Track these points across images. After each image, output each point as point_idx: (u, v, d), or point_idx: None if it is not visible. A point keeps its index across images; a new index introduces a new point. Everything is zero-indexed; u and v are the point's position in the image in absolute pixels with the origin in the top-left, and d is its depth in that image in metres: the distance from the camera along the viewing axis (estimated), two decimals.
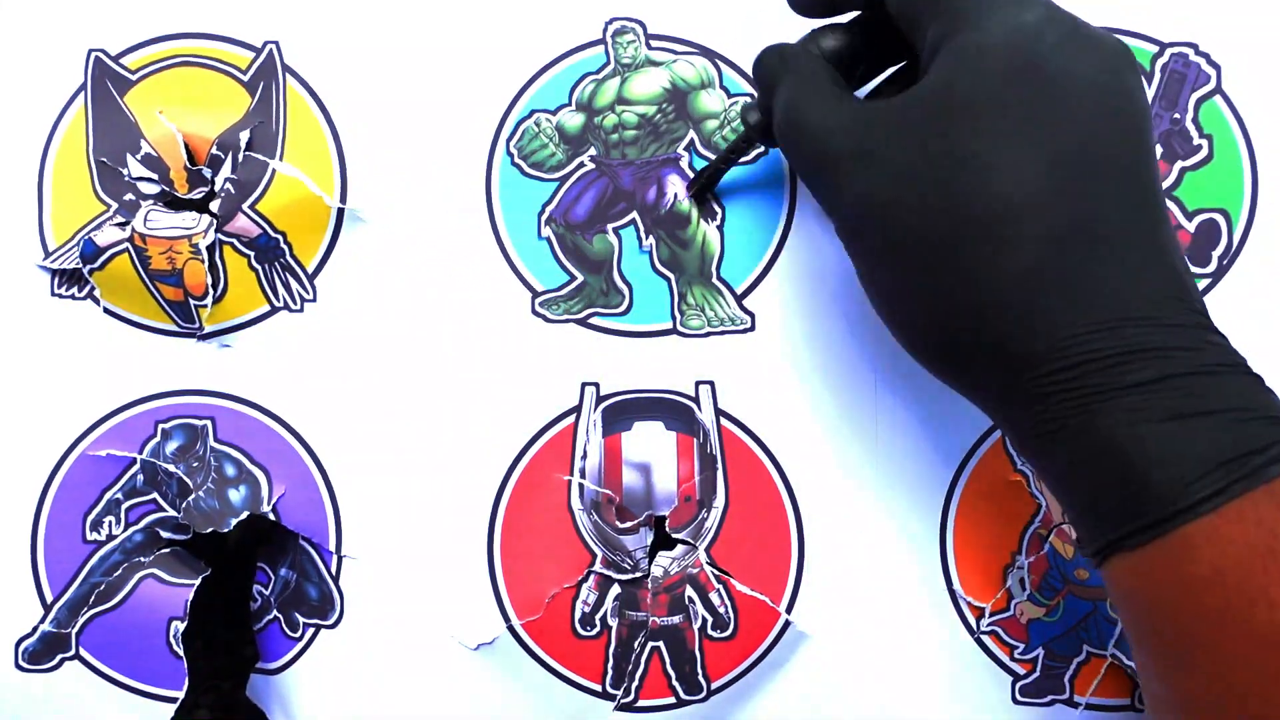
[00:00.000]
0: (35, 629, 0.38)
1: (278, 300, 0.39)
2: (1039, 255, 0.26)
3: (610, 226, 0.39)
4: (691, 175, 0.39)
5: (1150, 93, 0.39)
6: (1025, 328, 0.26)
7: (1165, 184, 0.39)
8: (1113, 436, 0.25)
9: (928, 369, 0.30)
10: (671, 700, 0.38)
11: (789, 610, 0.38)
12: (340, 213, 0.39)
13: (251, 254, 0.38)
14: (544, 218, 0.39)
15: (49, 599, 0.38)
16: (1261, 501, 0.24)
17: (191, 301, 0.38)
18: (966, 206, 0.26)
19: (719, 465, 0.38)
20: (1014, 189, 0.26)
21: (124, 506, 0.38)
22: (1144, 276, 0.26)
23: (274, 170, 0.38)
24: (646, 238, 0.39)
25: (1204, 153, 0.39)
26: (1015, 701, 0.38)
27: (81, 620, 0.38)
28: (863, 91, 0.36)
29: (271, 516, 0.38)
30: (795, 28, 0.39)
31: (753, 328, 0.39)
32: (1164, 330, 0.25)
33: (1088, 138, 0.26)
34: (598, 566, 0.38)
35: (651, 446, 0.38)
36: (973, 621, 0.38)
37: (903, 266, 0.28)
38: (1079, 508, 0.27)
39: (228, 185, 0.38)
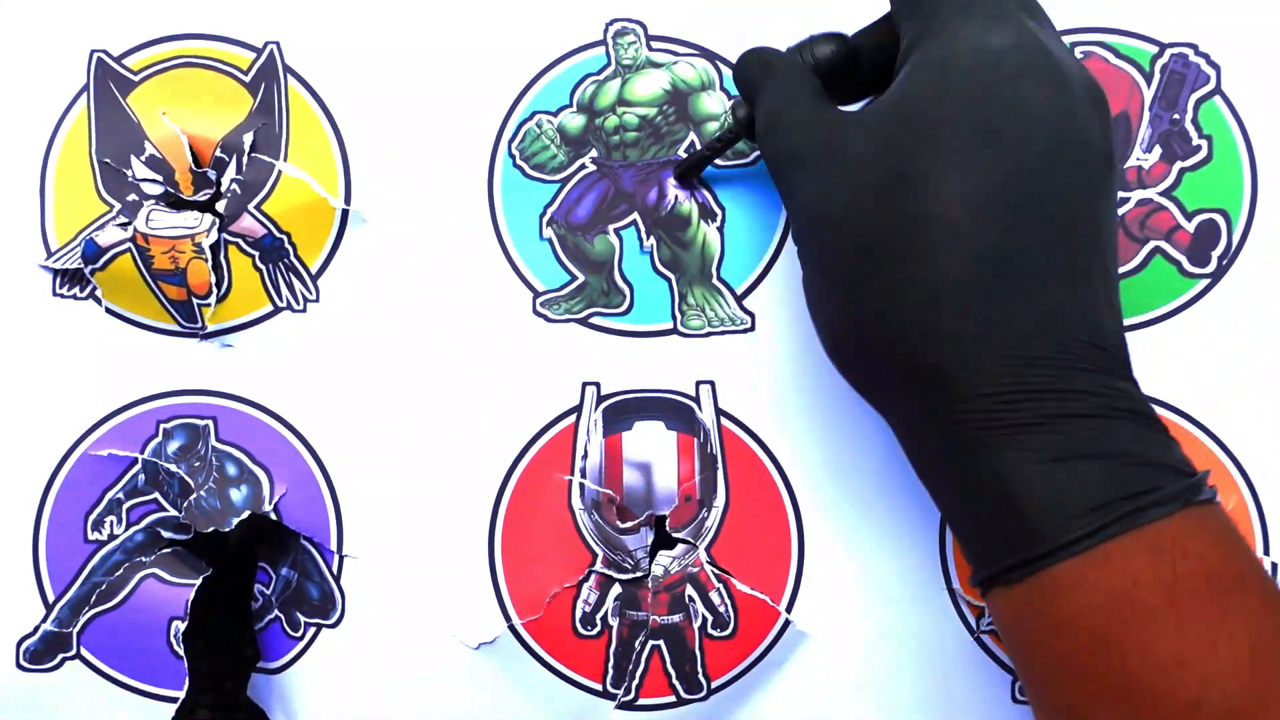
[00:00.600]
0: (37, 628, 0.38)
1: (281, 300, 0.39)
2: (951, 283, 0.25)
3: (611, 227, 0.39)
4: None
5: (1149, 94, 0.39)
6: (930, 354, 0.26)
7: (1164, 185, 0.39)
8: (997, 474, 0.25)
9: (845, 379, 0.30)
10: (672, 699, 0.38)
11: (789, 609, 0.38)
12: (344, 214, 0.39)
13: (256, 254, 0.38)
14: (545, 219, 0.39)
15: (50, 598, 0.38)
16: (1131, 548, 0.24)
17: (195, 301, 0.38)
18: (892, 223, 0.26)
19: (719, 465, 0.38)
20: (937, 214, 0.26)
21: (125, 506, 0.38)
22: (1055, 317, 0.26)
23: (280, 172, 0.38)
24: (647, 238, 0.39)
25: (1203, 153, 0.39)
26: (1014, 701, 0.38)
27: (83, 620, 0.38)
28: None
29: (273, 516, 0.38)
30: (796, 29, 0.39)
31: (753, 328, 0.39)
32: (1064, 373, 0.25)
33: (1026, 172, 0.26)
34: (598, 566, 0.38)
35: (652, 446, 0.38)
36: (972, 621, 0.38)
37: (832, 274, 0.28)
38: (965, 538, 0.28)
39: (234, 186, 0.38)
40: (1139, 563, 0.24)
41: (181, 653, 0.37)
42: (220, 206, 0.38)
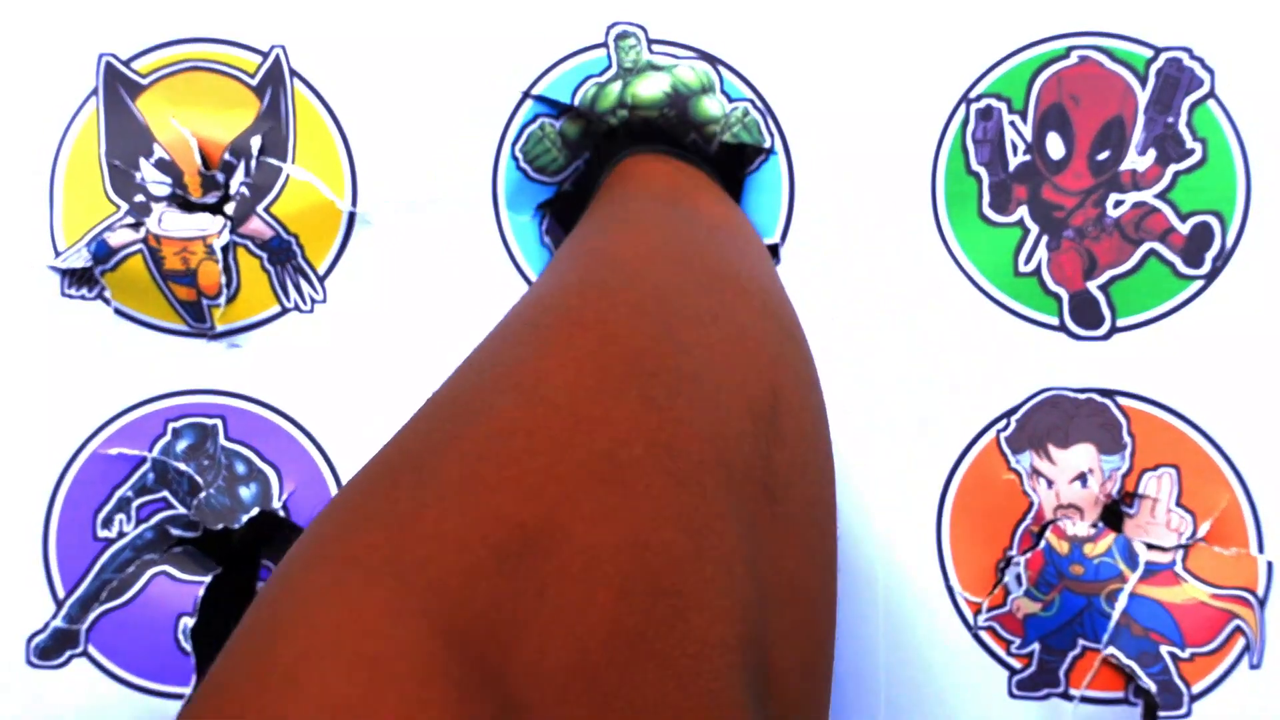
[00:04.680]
0: (47, 625, 0.38)
1: (289, 301, 0.39)
2: None
3: None
4: None
5: (1144, 97, 0.39)
6: None
7: (1159, 187, 0.39)
8: None
9: None
10: None
11: None
12: (351, 216, 0.39)
13: (265, 255, 0.39)
14: (544, 228, 0.39)
15: (60, 595, 0.38)
16: None
17: (205, 301, 0.39)
18: None
19: None
20: None
21: (134, 504, 0.39)
22: None
23: (287, 175, 0.39)
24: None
25: (1198, 156, 0.39)
26: (1011, 695, 0.38)
27: (92, 616, 0.38)
28: None
29: (282, 513, 0.38)
30: (795, 31, 0.40)
31: None
32: None
33: None
34: None
35: None
36: (970, 617, 0.38)
37: None
38: None
39: (243, 189, 0.39)
40: None
41: (189, 649, 0.37)
42: (229, 209, 0.39)
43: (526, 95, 0.40)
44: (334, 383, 0.39)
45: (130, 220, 0.39)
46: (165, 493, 0.39)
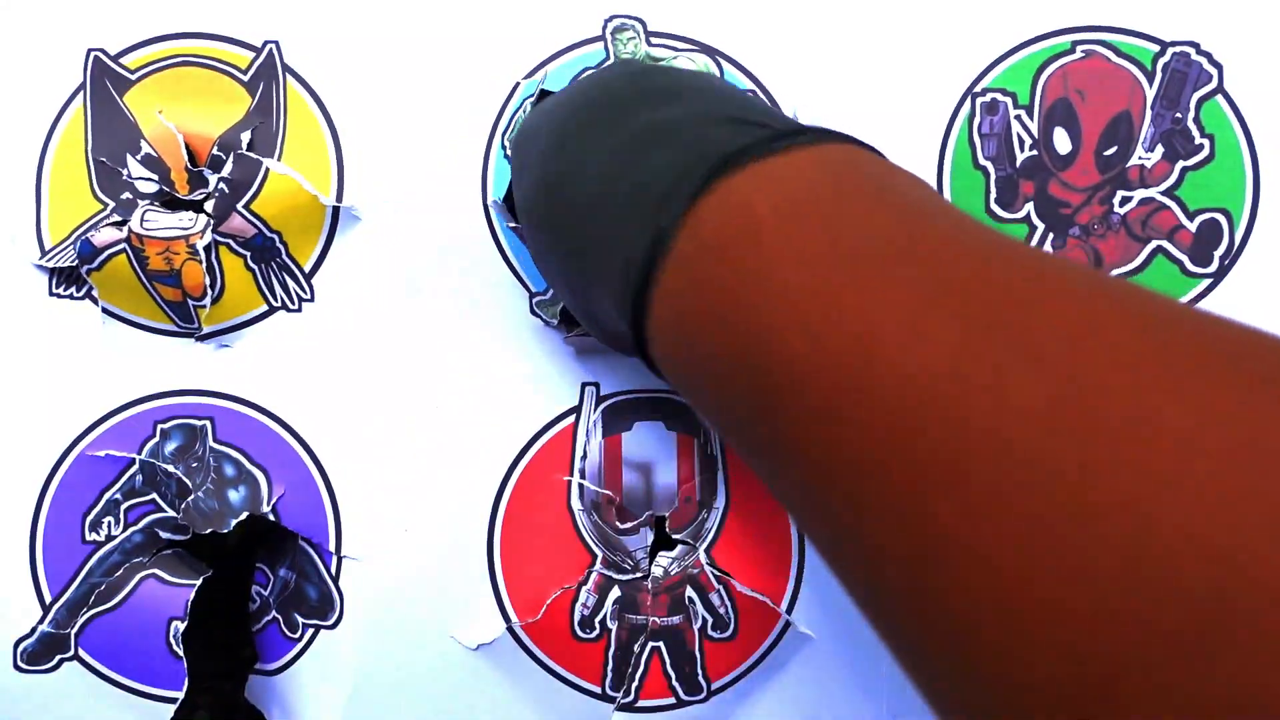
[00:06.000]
0: (34, 630, 0.38)
1: (275, 300, 0.39)
2: None
3: None
4: None
5: (1151, 92, 0.39)
6: None
7: (1167, 184, 0.39)
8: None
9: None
10: (672, 700, 0.37)
11: (789, 611, 0.38)
12: (335, 211, 0.39)
13: (248, 254, 0.38)
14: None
15: (48, 600, 0.38)
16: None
17: (190, 302, 0.38)
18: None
19: (719, 466, 0.38)
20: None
21: (123, 507, 0.38)
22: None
23: (267, 169, 0.38)
24: None
25: (1205, 152, 0.39)
26: None
27: (81, 621, 0.38)
28: None
29: (271, 517, 0.38)
30: (794, 26, 0.39)
31: None
32: None
33: None
34: (598, 567, 0.38)
35: (652, 447, 0.38)
36: None
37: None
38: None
39: (221, 185, 0.38)
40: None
41: (180, 653, 0.37)
42: (209, 206, 0.38)
43: (518, 86, 0.39)
44: (324, 384, 0.39)
45: (116, 219, 0.38)
46: (154, 495, 0.38)
